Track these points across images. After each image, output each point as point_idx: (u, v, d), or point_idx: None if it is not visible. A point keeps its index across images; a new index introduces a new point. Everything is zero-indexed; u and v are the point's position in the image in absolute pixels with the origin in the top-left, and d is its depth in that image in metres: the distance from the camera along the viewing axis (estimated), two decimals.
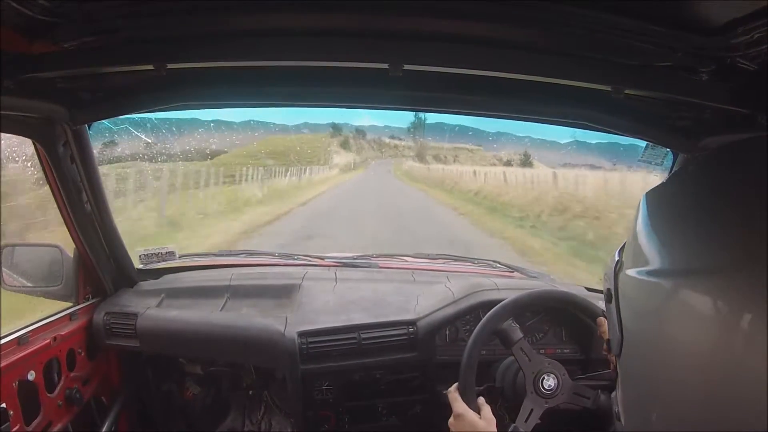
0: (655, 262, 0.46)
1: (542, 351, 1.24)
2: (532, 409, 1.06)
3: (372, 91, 1.02)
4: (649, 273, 0.46)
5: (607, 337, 1.10)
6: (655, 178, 1.37)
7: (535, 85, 0.90)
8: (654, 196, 0.51)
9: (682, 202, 0.48)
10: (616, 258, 0.53)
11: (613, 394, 0.58)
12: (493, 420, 1.00)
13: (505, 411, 1.20)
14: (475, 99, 1.03)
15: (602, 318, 1.13)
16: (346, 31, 0.81)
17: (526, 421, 1.06)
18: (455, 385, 1.07)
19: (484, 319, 1.13)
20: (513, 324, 1.12)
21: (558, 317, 1.36)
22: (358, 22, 0.79)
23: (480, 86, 0.98)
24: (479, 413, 1.01)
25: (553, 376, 1.08)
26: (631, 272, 0.48)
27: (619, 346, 0.51)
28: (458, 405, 1.02)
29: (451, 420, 1.03)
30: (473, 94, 1.01)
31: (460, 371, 1.08)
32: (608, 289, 0.54)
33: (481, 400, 1.04)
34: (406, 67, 0.83)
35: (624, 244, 0.54)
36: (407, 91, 1.00)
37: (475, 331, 1.12)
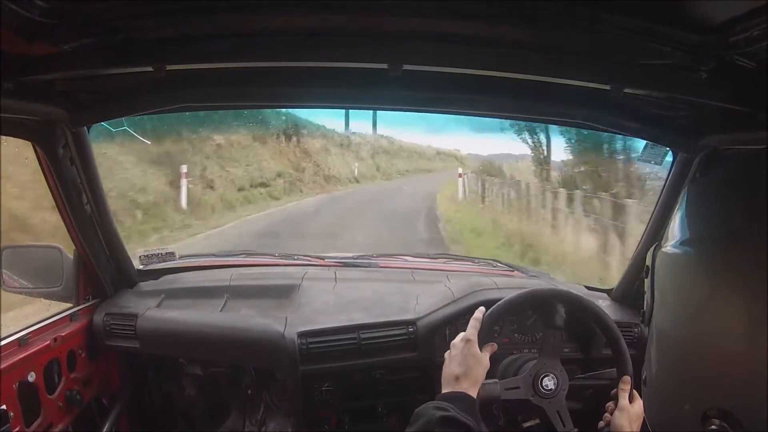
0: (678, 236, 0.58)
1: None
2: (517, 387, 1.07)
3: (371, 92, 1.03)
4: (675, 245, 0.58)
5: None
6: None
7: (534, 85, 0.90)
8: (691, 188, 0.63)
9: (708, 195, 0.61)
10: (657, 242, 0.64)
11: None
12: (489, 365, 0.97)
13: (501, 411, 1.19)
14: (474, 99, 1.04)
15: (628, 377, 1.09)
16: (346, 32, 0.82)
17: (506, 390, 1.06)
18: (481, 310, 1.01)
19: (548, 287, 1.20)
20: (564, 314, 1.15)
21: None
22: (357, 22, 0.79)
23: (480, 86, 0.98)
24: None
25: (554, 381, 1.07)
26: (665, 248, 0.60)
27: (650, 310, 0.62)
28: (474, 332, 0.97)
29: (456, 341, 0.98)
30: (473, 94, 1.01)
31: (500, 304, 1.08)
32: (647, 266, 0.66)
33: (491, 347, 0.99)
34: (406, 67, 0.83)
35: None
36: (407, 92, 1.00)
37: (538, 288, 1.19)
